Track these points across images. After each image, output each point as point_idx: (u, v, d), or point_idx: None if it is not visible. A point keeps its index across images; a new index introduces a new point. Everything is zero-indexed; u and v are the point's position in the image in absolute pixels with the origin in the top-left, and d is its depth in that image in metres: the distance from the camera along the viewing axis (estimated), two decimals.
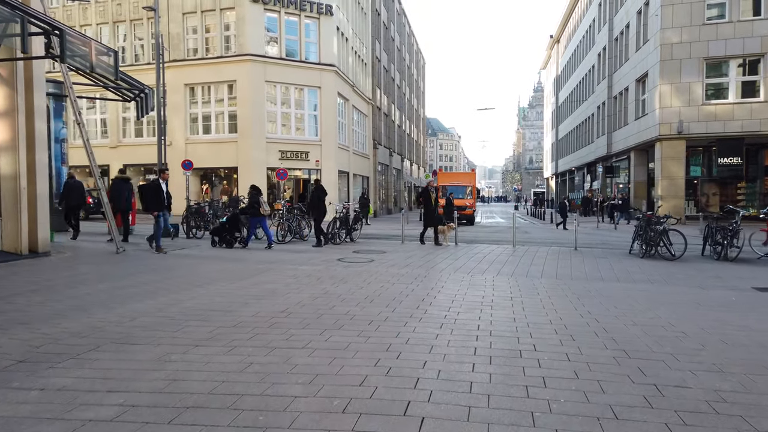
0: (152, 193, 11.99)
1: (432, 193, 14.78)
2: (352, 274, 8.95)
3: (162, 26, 28.27)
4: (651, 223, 11.61)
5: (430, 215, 14.69)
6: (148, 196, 12.09)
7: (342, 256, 11.34)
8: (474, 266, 10.29)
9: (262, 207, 13.31)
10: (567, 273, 9.56)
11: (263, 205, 13.37)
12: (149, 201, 12.02)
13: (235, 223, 13.21)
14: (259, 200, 13.27)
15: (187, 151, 28.00)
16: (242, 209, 13.81)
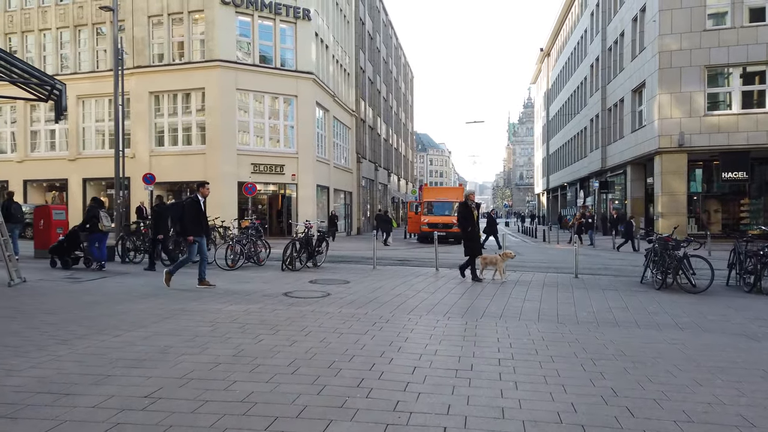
0: (193, 213, 9.25)
1: (474, 209, 10.86)
2: (293, 317, 6.85)
3: (126, 31, 26.39)
4: (668, 248, 9.63)
5: (474, 240, 10.86)
6: (187, 217, 9.24)
7: (292, 289, 9.23)
8: (453, 303, 8.22)
9: (101, 222, 11.62)
10: (571, 313, 7.52)
11: (102, 220, 11.68)
12: (188, 222, 9.20)
13: (73, 241, 11.81)
14: (98, 214, 11.60)
15: (151, 164, 25.87)
16: (80, 225, 12.01)
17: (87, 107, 27.86)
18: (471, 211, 10.75)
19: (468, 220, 10.68)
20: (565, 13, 47.79)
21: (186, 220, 9.23)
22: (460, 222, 10.98)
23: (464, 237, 10.91)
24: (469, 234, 10.75)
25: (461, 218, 10.91)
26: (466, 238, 10.85)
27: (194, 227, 9.25)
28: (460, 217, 11.05)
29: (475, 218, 10.82)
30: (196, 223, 9.29)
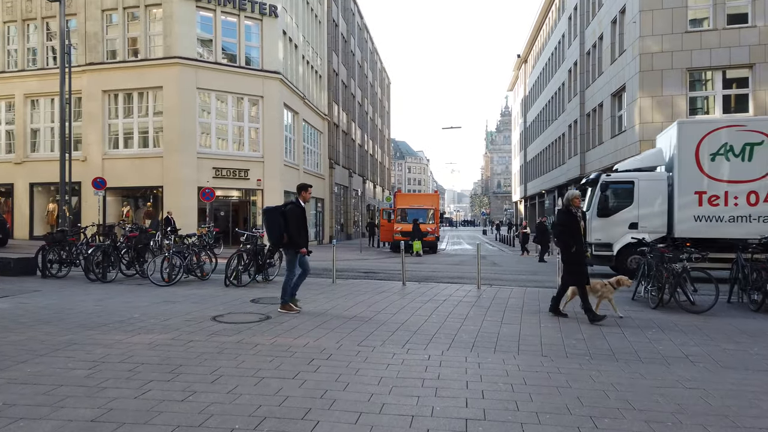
0: (299, 222, 7.78)
1: (580, 219, 7.99)
2: (209, 352, 5.37)
3: (78, 25, 24.62)
4: (664, 261, 8.39)
5: (581, 264, 7.63)
6: (292, 226, 7.69)
7: (225, 311, 7.72)
8: (417, 327, 6.82)
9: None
10: (557, 341, 6.18)
11: None
12: (294, 232, 7.71)
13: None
14: None
15: (104, 167, 24.03)
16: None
17: (36, 107, 25.91)
18: (577, 223, 7.65)
19: (573, 235, 7.54)
20: (543, 18, 47.20)
21: (292, 230, 7.70)
22: (560, 237, 7.72)
23: (566, 259, 7.63)
24: (573, 255, 7.54)
25: (562, 232, 7.65)
26: (569, 261, 7.61)
27: (301, 237, 7.80)
28: (560, 231, 7.72)
29: (582, 232, 7.82)
30: (303, 232, 7.84)
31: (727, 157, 12.42)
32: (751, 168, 12.29)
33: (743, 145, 12.32)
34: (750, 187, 12.31)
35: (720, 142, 12.48)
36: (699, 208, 12.57)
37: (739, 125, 12.58)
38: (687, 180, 12.75)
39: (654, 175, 13.74)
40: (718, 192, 12.49)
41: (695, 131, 12.82)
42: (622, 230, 13.40)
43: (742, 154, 12.34)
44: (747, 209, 12.32)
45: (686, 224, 12.77)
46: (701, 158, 12.57)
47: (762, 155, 12.23)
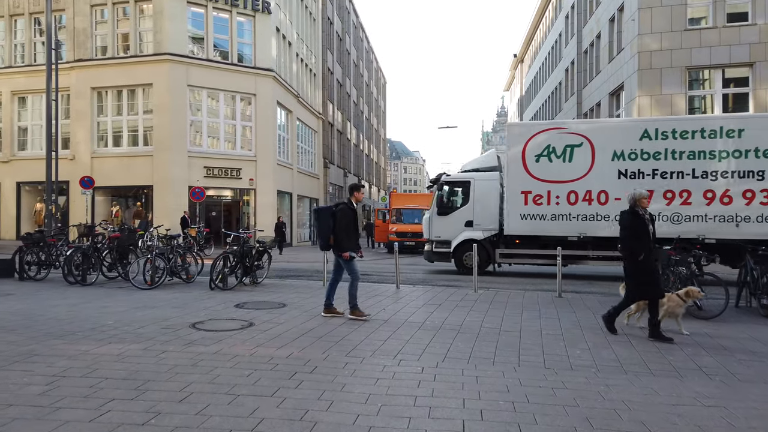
0: (348, 224, 7.30)
1: (649, 222, 6.49)
2: (182, 365, 4.92)
3: (67, 21, 24.14)
4: (671, 264, 7.97)
5: (648, 272, 6.41)
6: (341, 228, 7.23)
7: (207, 317, 7.26)
8: (410, 335, 6.39)
9: None
10: (561, 351, 5.75)
11: None
12: (342, 235, 7.26)
13: None
14: None
15: (93, 166, 23.53)
16: None
17: (24, 105, 25.35)
18: (645, 226, 6.38)
19: (641, 241, 6.33)
20: (539, 17, 46.86)
21: (340, 233, 7.24)
22: (625, 243, 6.45)
23: (632, 268, 6.45)
24: (641, 264, 6.34)
25: (629, 237, 6.41)
26: (636, 271, 6.42)
27: (351, 241, 7.35)
28: (625, 236, 6.46)
29: (652, 237, 6.47)
30: (353, 235, 7.39)
31: (550, 159, 13.08)
32: (571, 169, 12.96)
33: (564, 147, 12.99)
34: (570, 187, 12.94)
35: (544, 144, 13.13)
36: (525, 207, 13.20)
37: (560, 128, 13.31)
38: (514, 180, 13.40)
39: (488, 176, 14.30)
40: (541, 192, 13.13)
41: (522, 133, 13.53)
42: (460, 228, 14.17)
43: (563, 155, 13.00)
44: (567, 208, 12.99)
45: (514, 222, 13.40)
46: (527, 159, 13.22)
47: (581, 157, 12.90)
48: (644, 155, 12.60)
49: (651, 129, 12.65)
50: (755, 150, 12.05)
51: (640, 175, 12.61)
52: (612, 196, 12.73)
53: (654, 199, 12.24)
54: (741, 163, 12.15)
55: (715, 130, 12.34)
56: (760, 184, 12.04)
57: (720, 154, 12.28)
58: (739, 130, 12.21)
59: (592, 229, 12.91)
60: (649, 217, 6.53)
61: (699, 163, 12.37)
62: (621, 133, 13.01)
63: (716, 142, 12.31)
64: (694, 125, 12.57)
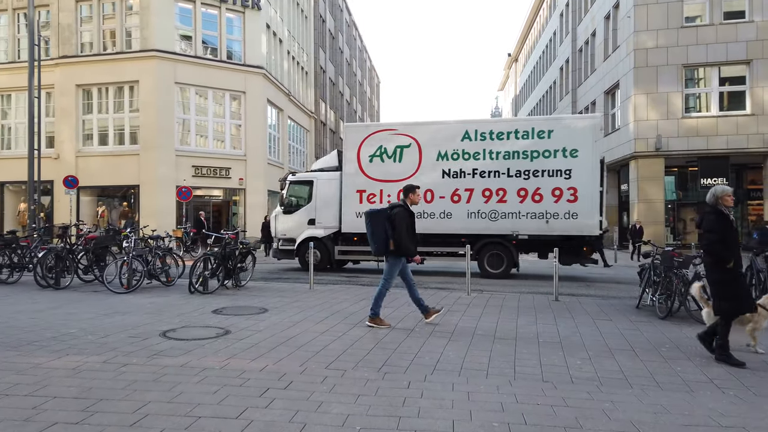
0: (408, 227, 6.82)
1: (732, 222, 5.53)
2: (143, 380, 4.45)
3: (51, 17, 23.57)
4: (673, 266, 7.56)
5: (734, 282, 5.47)
6: (400, 231, 6.72)
7: (180, 324, 6.78)
8: (397, 344, 5.93)
9: None
10: (560, 362, 5.31)
11: None
12: (403, 239, 6.74)
13: None
14: None
15: (77, 165, 22.97)
16: None
17: (8, 103, 24.73)
18: (732, 228, 5.46)
19: (729, 246, 5.39)
20: (534, 16, 46.56)
21: (401, 236, 6.76)
22: (711, 248, 5.44)
23: (718, 278, 5.50)
24: (728, 273, 5.43)
25: (716, 242, 5.40)
26: (721, 280, 5.48)
27: (411, 244, 6.88)
28: (711, 240, 5.42)
29: (738, 240, 5.60)
30: (413, 238, 6.94)
31: (382, 159, 13.65)
32: (401, 168, 13.46)
33: (395, 148, 13.57)
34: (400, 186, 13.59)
35: (377, 145, 13.69)
36: (360, 206, 13.50)
37: (391, 129, 13.84)
38: (351, 179, 13.93)
39: (329, 175, 14.60)
40: (375, 190, 13.64)
41: (357, 134, 14.12)
42: (303, 226, 14.51)
43: (394, 155, 13.59)
44: None
45: (350, 220, 13.83)
46: (362, 159, 13.79)
47: (409, 157, 13.47)
48: (465, 155, 13.15)
49: (471, 130, 13.20)
50: (563, 150, 12.59)
51: (462, 175, 13.18)
52: (437, 194, 13.29)
53: (473, 198, 13.12)
54: (550, 163, 12.68)
55: (528, 131, 12.87)
56: (567, 183, 12.53)
57: (532, 154, 12.80)
58: (548, 131, 12.73)
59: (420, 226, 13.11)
60: (733, 217, 5.60)
61: (513, 163, 12.90)
62: (444, 134, 13.50)
63: (528, 143, 12.83)
64: (509, 126, 13.23)
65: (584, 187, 12.47)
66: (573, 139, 12.61)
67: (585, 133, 12.65)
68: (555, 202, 12.56)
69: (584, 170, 12.49)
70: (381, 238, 6.84)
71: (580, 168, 12.50)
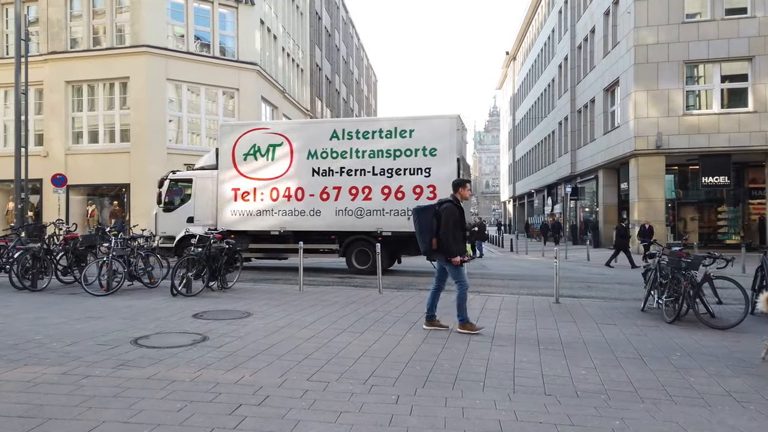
0: (456, 225, 6.38)
1: None
2: (102, 395, 4.01)
3: (40, 12, 23.05)
4: (681, 266, 7.14)
5: None
6: (448, 230, 6.29)
7: (156, 329, 6.33)
8: (387, 352, 5.50)
9: None
10: (563, 372, 4.88)
11: None
12: (449, 237, 6.31)
13: None
14: None
15: (67, 163, 22.48)
16: None
17: None
18: None
19: None
20: (532, 14, 46.17)
21: (446, 235, 6.31)
22: None
23: None
24: None
25: None
26: None
27: (458, 244, 6.44)
28: None
29: None
30: (459, 237, 6.48)
31: (256, 157, 13.88)
32: (274, 167, 13.77)
33: (268, 146, 13.81)
34: (273, 184, 13.76)
35: (251, 144, 13.92)
36: (235, 203, 13.98)
37: (264, 128, 14.15)
38: (226, 177, 14.13)
39: (208, 173, 14.68)
40: (249, 189, 13.91)
41: (232, 133, 14.25)
42: (182, 223, 14.51)
43: (267, 154, 13.82)
44: (270, 204, 13.79)
45: (226, 217, 14.08)
46: (237, 158, 14.00)
47: (281, 155, 13.70)
48: (333, 154, 13.44)
49: (339, 129, 13.55)
50: (423, 149, 12.91)
51: (331, 173, 13.47)
52: (307, 192, 13.57)
53: (341, 195, 13.38)
54: (411, 161, 12.98)
55: (391, 131, 13.15)
56: (427, 180, 12.83)
57: (395, 153, 13.10)
58: (410, 131, 13.03)
59: (291, 223, 13.67)
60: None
61: (378, 162, 13.19)
62: (314, 133, 13.87)
63: (392, 142, 13.11)
64: (374, 126, 13.49)
65: (443, 185, 12.46)
66: (432, 138, 12.92)
67: (443, 132, 12.95)
68: (416, 200, 12.67)
69: (443, 168, 12.73)
70: (429, 236, 6.39)
71: (439, 166, 12.79)
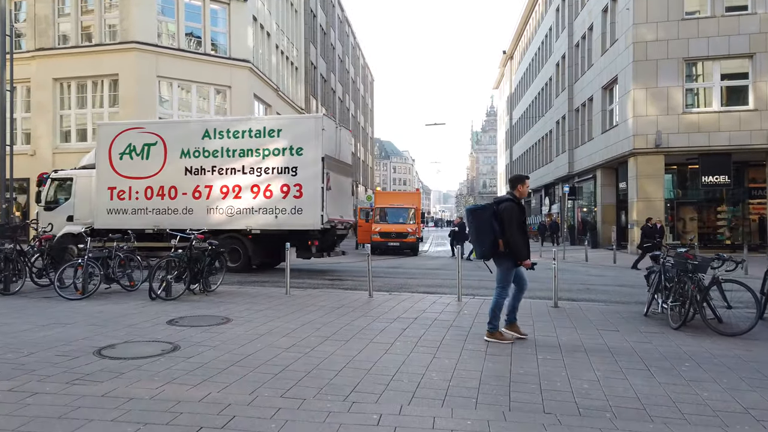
0: (518, 224, 5.92)
1: None
2: (45, 416, 3.56)
3: (27, 7, 22.57)
4: (688, 269, 6.72)
5: None
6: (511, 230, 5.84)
7: (126, 337, 5.89)
8: (372, 363, 5.06)
9: None
10: (563, 386, 4.45)
11: None
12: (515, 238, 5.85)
13: None
14: None
15: (55, 162, 21.94)
16: None
17: None
18: None
19: None
20: (529, 12, 45.81)
21: (512, 235, 5.82)
22: None
23: None
24: None
25: None
26: None
27: (524, 245, 5.97)
28: None
29: None
30: (524, 238, 6.00)
31: (131, 156, 13.94)
32: (148, 166, 13.83)
33: (143, 146, 13.88)
34: (147, 183, 13.82)
35: (126, 143, 13.98)
36: (111, 202, 14.01)
37: (139, 127, 14.16)
38: (103, 176, 14.14)
39: (88, 172, 14.82)
40: (124, 187, 13.96)
41: (109, 132, 14.31)
42: (63, 222, 14.52)
43: (142, 153, 13.88)
44: (145, 203, 13.84)
45: (102, 216, 14.08)
46: (113, 157, 14.04)
47: (156, 154, 13.76)
48: (206, 153, 13.57)
49: (211, 129, 13.67)
50: (290, 148, 13.09)
51: (203, 172, 13.58)
52: (180, 191, 13.64)
53: (212, 194, 13.45)
54: (279, 160, 13.16)
55: (260, 130, 13.34)
56: (294, 179, 13.02)
57: (263, 152, 13.26)
58: (278, 130, 13.26)
59: (165, 222, 13.61)
60: None
61: (248, 161, 13.35)
62: (187, 132, 13.98)
63: (261, 141, 13.29)
64: (244, 126, 13.62)
65: (308, 184, 12.94)
66: (299, 137, 13.12)
67: (309, 131, 13.16)
68: (283, 198, 13.01)
69: (308, 167, 12.95)
70: (488, 238, 5.89)
71: (304, 165, 12.99)
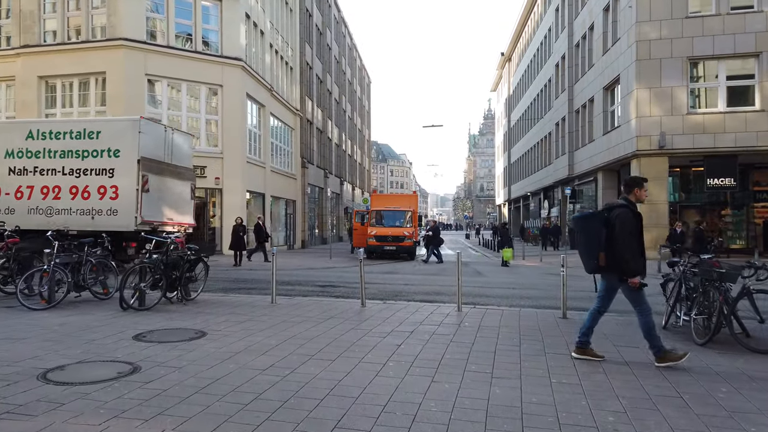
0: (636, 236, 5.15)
1: None
2: None
3: (12, 3, 21.84)
4: (713, 278, 6.04)
5: None
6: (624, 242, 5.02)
7: (81, 356, 5.17)
8: (361, 389, 4.36)
9: None
10: (584, 420, 3.76)
11: None
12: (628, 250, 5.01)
13: None
14: None
15: None
16: None
17: None
18: None
19: None
20: (528, 12, 45.26)
21: (623, 248, 5.01)
22: None
23: None
24: None
25: None
26: None
27: (638, 260, 5.08)
28: None
29: None
30: (640, 251, 5.11)
31: None
32: None
33: None
34: None
35: None
36: None
37: None
38: None
39: None
40: None
41: None
42: None
43: None
44: None
45: None
46: None
47: None
48: (29, 154, 13.72)
49: (34, 130, 13.83)
50: (108, 150, 13.30)
51: (25, 172, 13.72)
52: (3, 191, 13.77)
53: (33, 194, 13.60)
54: (97, 162, 13.34)
55: (80, 132, 13.53)
56: (111, 181, 13.23)
57: (83, 154, 13.43)
58: (97, 132, 13.45)
59: None
60: None
61: (68, 162, 13.50)
62: (12, 133, 14.08)
63: (81, 143, 13.46)
64: (65, 127, 13.85)
65: (124, 186, 13.15)
66: (116, 139, 13.32)
67: (126, 134, 13.32)
68: (100, 199, 13.23)
69: (125, 169, 13.15)
70: (594, 250, 5.14)
71: (121, 167, 13.18)
